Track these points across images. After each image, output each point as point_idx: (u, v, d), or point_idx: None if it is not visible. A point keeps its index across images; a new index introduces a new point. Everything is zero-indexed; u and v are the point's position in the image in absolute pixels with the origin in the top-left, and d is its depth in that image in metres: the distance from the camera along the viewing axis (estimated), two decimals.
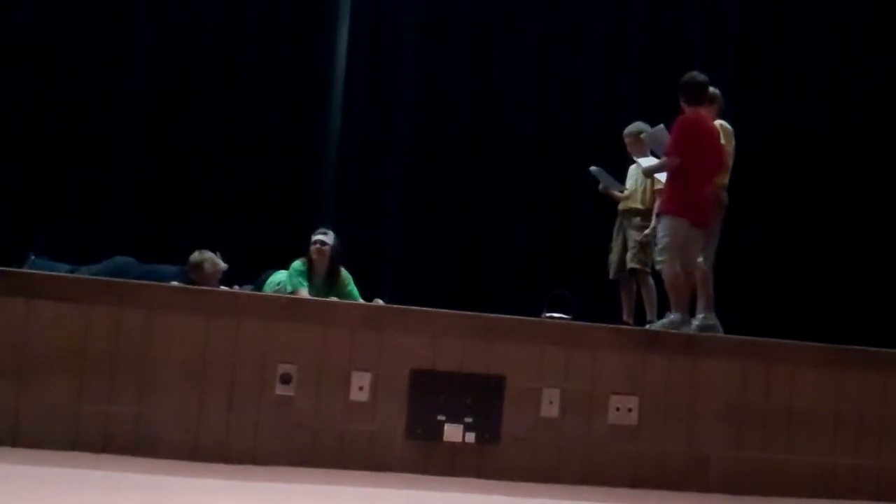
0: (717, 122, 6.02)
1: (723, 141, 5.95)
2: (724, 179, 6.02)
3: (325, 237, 7.11)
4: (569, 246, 9.01)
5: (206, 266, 6.78)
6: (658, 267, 5.73)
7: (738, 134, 6.15)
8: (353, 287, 7.15)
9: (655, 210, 6.11)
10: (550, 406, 4.68)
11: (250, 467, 4.33)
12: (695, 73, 5.87)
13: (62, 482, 3.73)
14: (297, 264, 7.01)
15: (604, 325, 5.15)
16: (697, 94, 5.80)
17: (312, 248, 7.06)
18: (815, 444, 4.97)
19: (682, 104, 5.77)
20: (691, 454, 4.82)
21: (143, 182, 8.64)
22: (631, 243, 6.62)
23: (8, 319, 4.32)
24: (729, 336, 5.59)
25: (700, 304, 5.91)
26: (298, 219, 8.62)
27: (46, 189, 8.36)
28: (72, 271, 6.40)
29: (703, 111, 5.83)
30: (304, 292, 6.77)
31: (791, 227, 9.11)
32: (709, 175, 5.76)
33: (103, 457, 4.23)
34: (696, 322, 5.80)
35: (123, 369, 4.36)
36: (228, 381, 4.43)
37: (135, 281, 5.04)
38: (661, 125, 6.00)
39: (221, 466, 4.28)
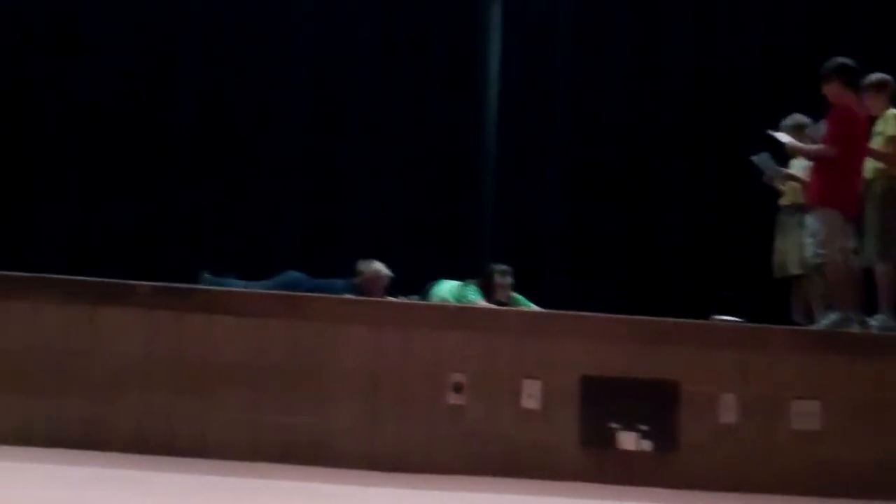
0: (892, 111, 5.76)
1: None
2: None
3: (510, 278, 7.04)
4: (730, 245, 8.71)
5: (372, 272, 6.89)
6: (819, 261, 5.48)
7: None
8: (525, 303, 7.07)
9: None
10: (728, 412, 4.54)
11: (428, 476, 4.34)
12: (842, 58, 5.63)
13: (246, 491, 3.86)
14: (473, 290, 6.91)
15: (780, 326, 4.96)
16: (855, 79, 5.62)
17: (500, 290, 6.90)
18: None
19: (836, 89, 5.54)
20: (881, 460, 4.58)
21: (307, 198, 8.83)
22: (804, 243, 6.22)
23: (191, 335, 4.49)
24: None
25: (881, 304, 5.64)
26: (461, 230, 8.65)
27: (217, 208, 8.65)
28: (244, 287, 6.58)
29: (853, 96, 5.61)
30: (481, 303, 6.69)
31: None
32: (860, 167, 5.57)
33: (283, 466, 4.33)
34: (874, 322, 5.53)
35: (299, 381, 4.48)
36: (401, 391, 4.48)
37: (308, 294, 5.16)
38: (822, 121, 5.78)
39: (398, 476, 4.31)
